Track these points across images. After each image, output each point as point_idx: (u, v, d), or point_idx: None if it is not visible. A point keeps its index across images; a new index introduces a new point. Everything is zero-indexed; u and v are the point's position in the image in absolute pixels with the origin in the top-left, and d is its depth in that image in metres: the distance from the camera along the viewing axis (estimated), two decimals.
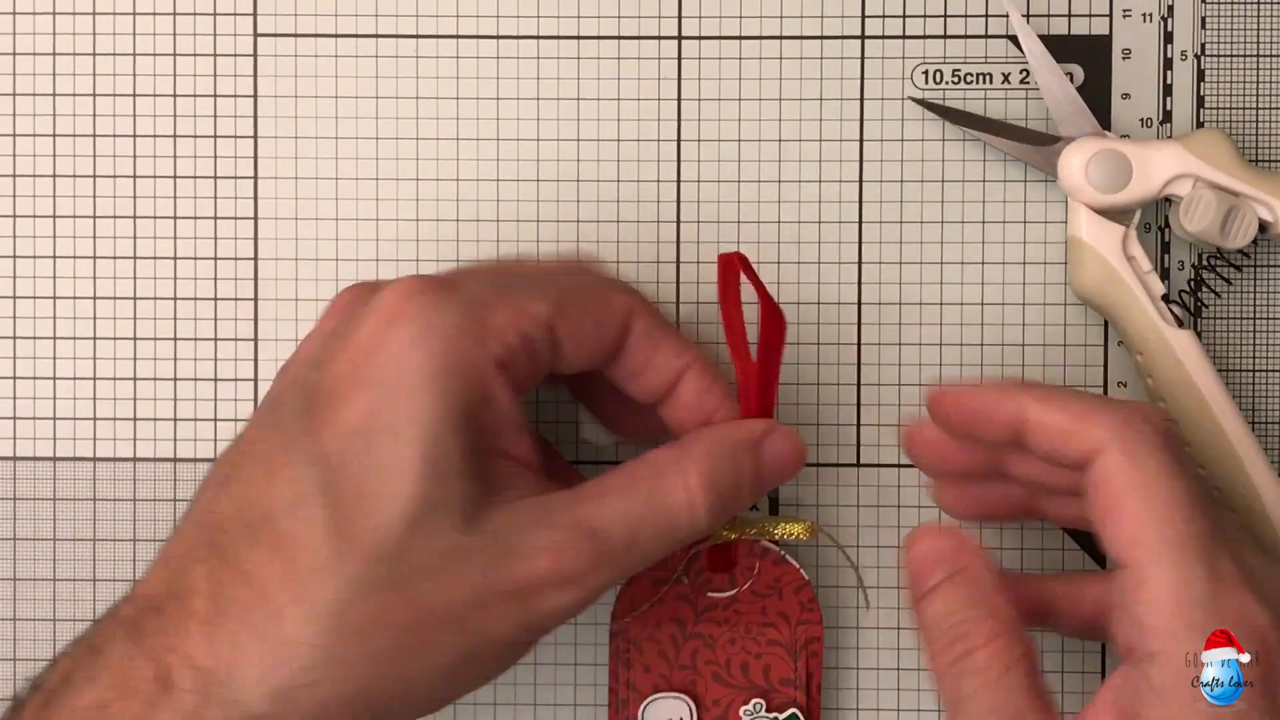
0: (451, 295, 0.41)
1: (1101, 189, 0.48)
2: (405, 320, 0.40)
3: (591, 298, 0.43)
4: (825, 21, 0.51)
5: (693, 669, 0.47)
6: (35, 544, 0.51)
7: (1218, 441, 0.48)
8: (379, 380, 0.40)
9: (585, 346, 0.43)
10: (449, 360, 0.40)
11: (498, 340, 0.41)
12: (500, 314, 0.41)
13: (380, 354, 0.40)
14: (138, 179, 0.51)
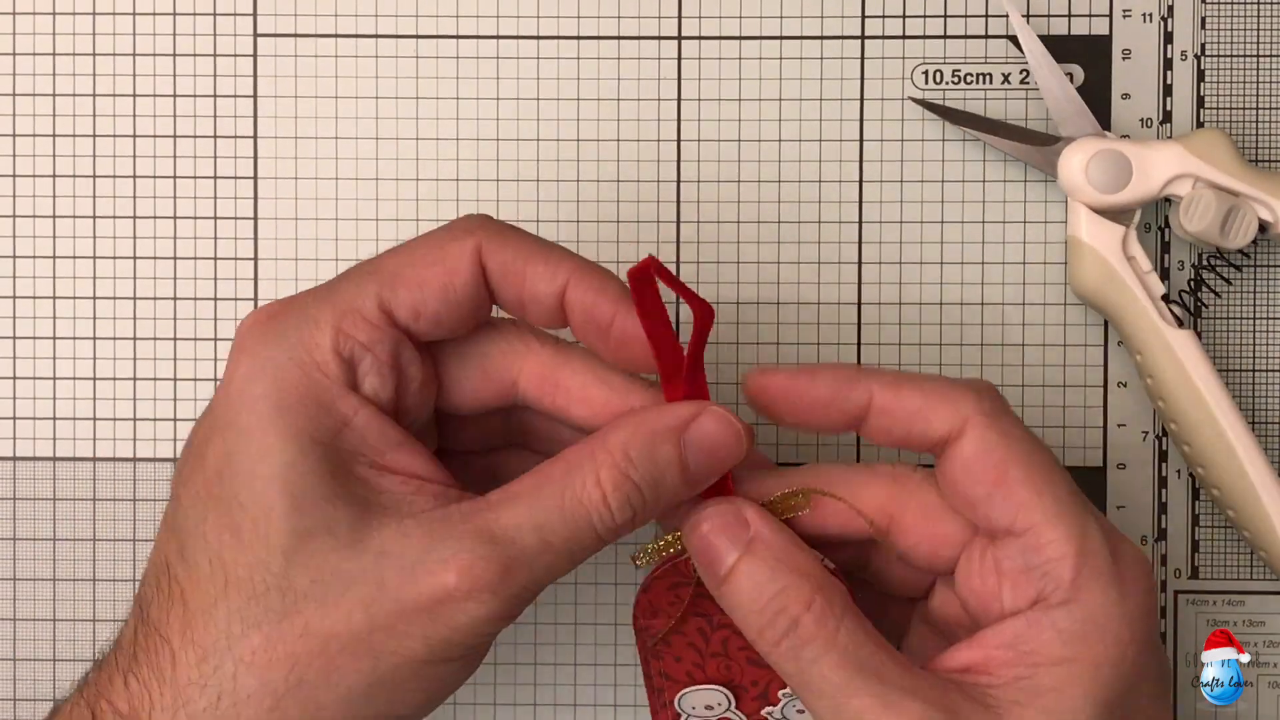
0: (281, 322, 0.41)
1: (1101, 189, 0.48)
2: (244, 357, 0.40)
3: (425, 263, 0.41)
4: (825, 21, 0.51)
5: (724, 655, 0.45)
6: (35, 544, 0.51)
7: (1218, 441, 0.48)
8: (230, 420, 0.40)
9: (440, 319, 0.41)
10: (282, 393, 0.40)
11: (329, 358, 0.40)
12: (324, 330, 0.40)
13: (229, 394, 0.40)
14: (138, 179, 0.51)
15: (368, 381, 0.41)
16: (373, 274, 0.41)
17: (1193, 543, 0.51)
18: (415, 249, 0.42)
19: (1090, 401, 0.50)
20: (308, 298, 0.41)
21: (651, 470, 0.40)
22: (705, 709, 0.46)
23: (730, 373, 0.50)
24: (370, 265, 0.42)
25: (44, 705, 0.51)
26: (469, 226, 0.42)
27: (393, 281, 0.41)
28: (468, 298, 0.41)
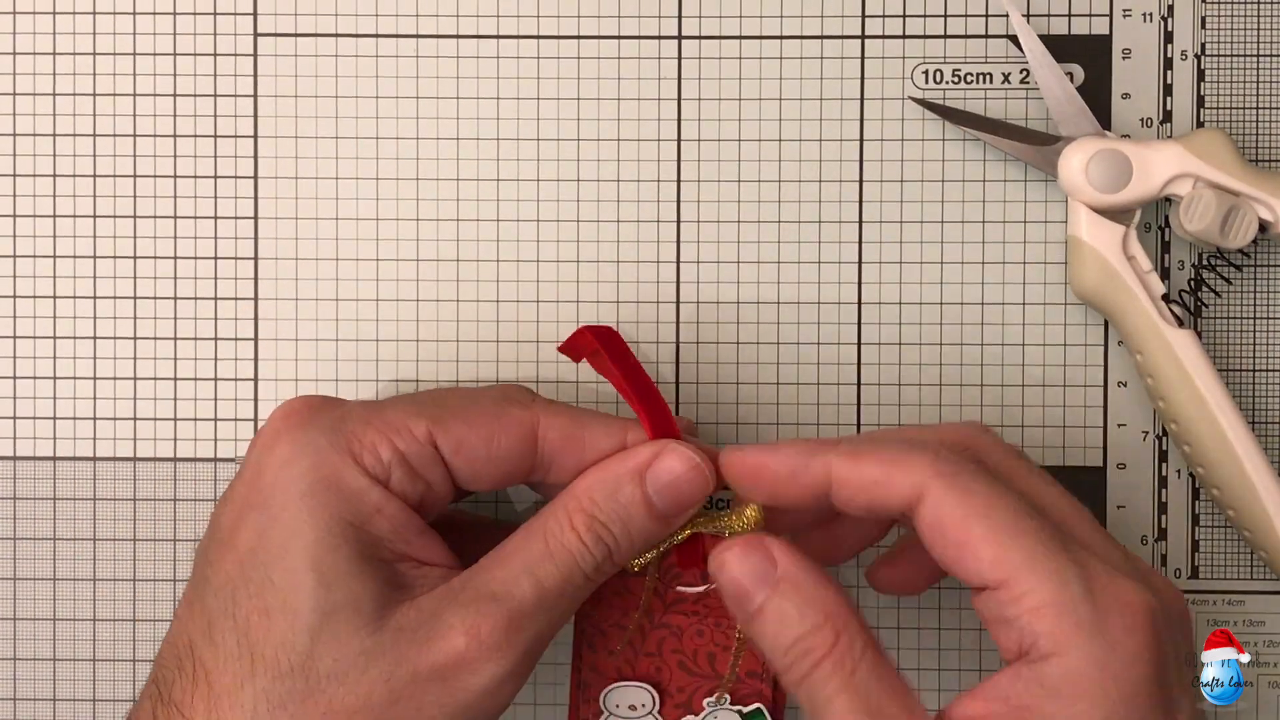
0: (324, 414, 0.43)
1: (1101, 189, 0.48)
2: (281, 442, 0.43)
3: (480, 413, 0.44)
4: (825, 21, 0.51)
5: (658, 656, 0.46)
6: (35, 544, 0.51)
7: (1218, 441, 0.48)
8: (263, 502, 0.42)
9: (479, 459, 0.43)
10: (321, 476, 0.42)
11: (370, 454, 0.42)
12: (371, 431, 0.43)
13: (263, 477, 0.42)
14: (138, 179, 0.51)
15: (397, 482, 0.43)
16: (430, 404, 0.44)
17: (1193, 543, 0.51)
18: (478, 398, 0.44)
19: (1090, 401, 0.50)
20: (357, 403, 0.44)
21: (617, 510, 0.43)
22: (629, 708, 0.46)
23: (730, 373, 0.50)
24: (425, 397, 0.45)
25: (44, 705, 0.51)
26: (524, 399, 0.45)
27: (447, 415, 0.43)
28: (510, 456, 0.44)
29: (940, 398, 0.50)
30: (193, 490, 0.51)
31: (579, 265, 0.51)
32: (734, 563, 0.42)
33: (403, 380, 0.51)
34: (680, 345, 0.51)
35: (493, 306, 0.51)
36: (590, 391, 0.51)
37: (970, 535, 0.40)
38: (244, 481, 0.43)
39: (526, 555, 0.43)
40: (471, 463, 0.44)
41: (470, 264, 0.51)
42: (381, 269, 0.51)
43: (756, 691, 0.46)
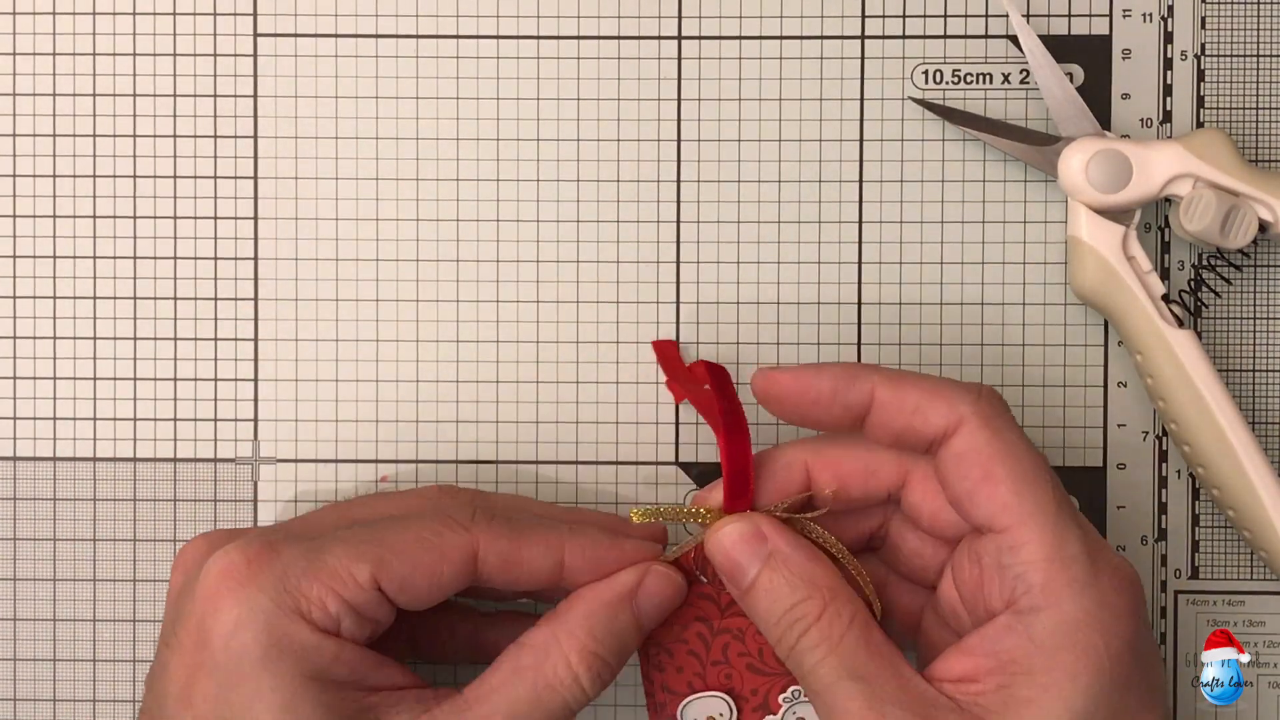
0: (264, 569, 0.42)
1: (1101, 189, 0.48)
2: (224, 603, 0.42)
3: (419, 547, 0.43)
4: (825, 21, 0.51)
5: (725, 663, 0.46)
6: (35, 544, 0.51)
7: (1218, 441, 0.48)
8: (217, 665, 0.42)
9: (422, 596, 0.43)
10: (273, 639, 0.41)
11: (318, 609, 0.42)
12: (315, 586, 0.42)
13: (212, 640, 0.42)
14: (138, 179, 0.51)
15: (347, 629, 0.43)
16: (367, 544, 0.43)
17: (1193, 543, 0.51)
18: (411, 529, 0.44)
19: (1090, 401, 0.50)
20: (293, 551, 0.43)
21: (615, 640, 0.44)
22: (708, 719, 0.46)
23: (730, 373, 0.50)
24: (364, 535, 0.44)
25: (44, 705, 0.51)
26: (463, 518, 0.44)
27: (388, 556, 0.43)
28: (454, 584, 0.44)
29: None
30: (193, 490, 0.51)
31: (579, 265, 0.51)
32: (727, 540, 0.44)
33: (402, 381, 0.51)
34: (680, 345, 0.51)
35: (493, 306, 0.51)
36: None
37: (993, 473, 0.41)
38: (189, 635, 0.42)
39: (512, 694, 0.43)
40: (415, 596, 0.44)
41: (470, 264, 0.51)
42: (381, 269, 0.51)
43: None
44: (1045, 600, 0.40)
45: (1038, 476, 0.42)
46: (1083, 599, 0.40)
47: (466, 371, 0.51)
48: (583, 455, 0.51)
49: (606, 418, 0.51)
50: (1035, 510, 0.41)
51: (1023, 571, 0.41)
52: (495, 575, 0.44)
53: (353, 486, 0.51)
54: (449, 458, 0.51)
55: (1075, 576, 0.40)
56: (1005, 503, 0.41)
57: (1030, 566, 0.41)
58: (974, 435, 0.42)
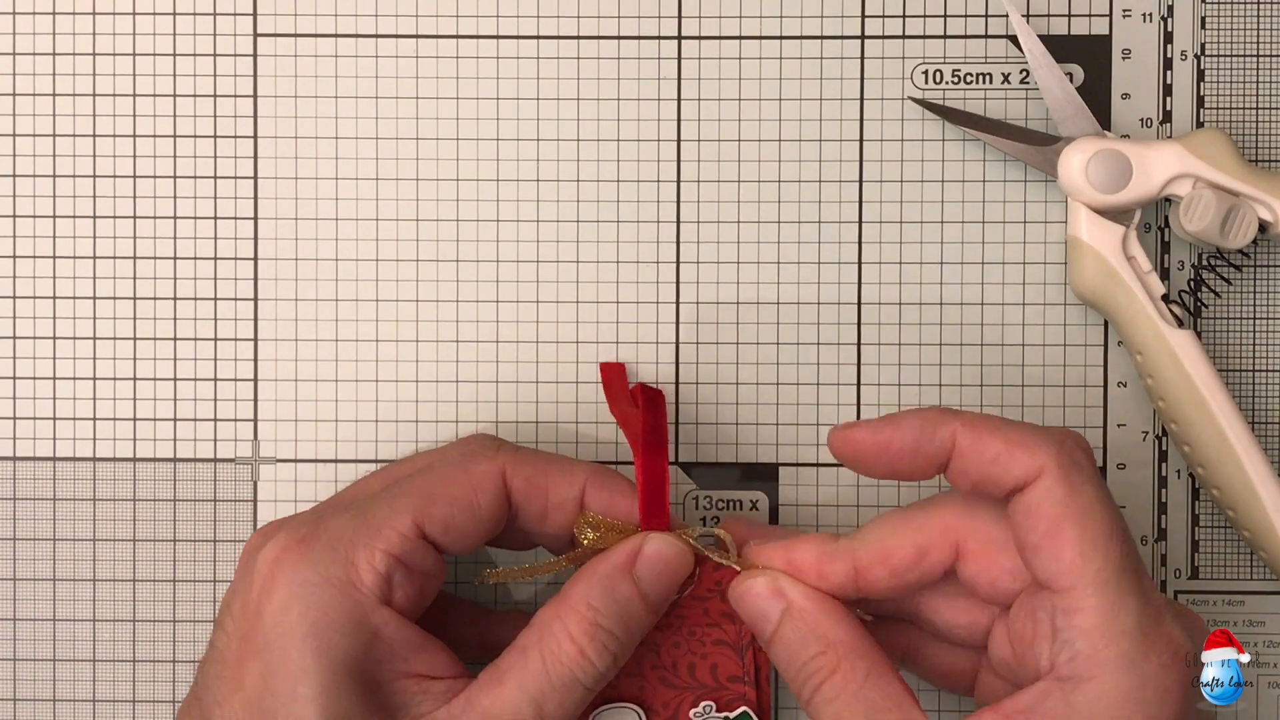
0: (314, 547, 0.43)
1: (1101, 189, 0.48)
2: (278, 585, 0.43)
3: (454, 483, 0.44)
4: (825, 21, 0.51)
5: (639, 675, 0.46)
6: (35, 544, 0.51)
7: (1218, 441, 0.48)
8: (265, 646, 0.42)
9: (466, 532, 0.44)
10: (324, 615, 0.42)
11: (368, 572, 0.43)
12: (361, 548, 0.43)
13: (262, 621, 0.42)
14: (138, 179, 0.51)
15: (400, 592, 0.43)
16: (407, 495, 0.44)
17: (1193, 543, 0.51)
18: (444, 470, 0.45)
19: (1090, 401, 0.50)
20: (340, 520, 0.44)
21: (616, 609, 0.44)
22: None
23: (730, 373, 0.50)
24: (402, 488, 0.45)
25: (44, 705, 0.51)
26: (489, 450, 0.45)
27: (426, 502, 0.44)
28: (491, 514, 0.45)
29: (940, 398, 0.50)
30: (193, 490, 0.51)
31: (579, 265, 0.51)
32: (750, 595, 0.44)
33: (402, 381, 0.51)
34: (680, 345, 0.51)
35: (492, 307, 0.51)
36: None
37: (1061, 531, 0.41)
38: (245, 617, 0.43)
39: (524, 676, 0.43)
40: (460, 534, 0.44)
41: (470, 264, 0.51)
42: (381, 269, 0.51)
43: (740, 695, 0.46)
44: (1089, 671, 0.40)
45: (1107, 539, 0.41)
46: (1128, 675, 0.40)
47: (466, 371, 0.51)
48: (583, 454, 0.51)
49: (606, 417, 0.51)
50: (1096, 577, 0.40)
51: (1072, 637, 0.40)
52: (524, 502, 0.45)
53: None
54: None
55: (1124, 651, 0.40)
56: (1069, 563, 0.40)
57: (1080, 634, 0.40)
58: (1050, 490, 0.41)
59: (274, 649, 0.42)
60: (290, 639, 0.42)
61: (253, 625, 0.43)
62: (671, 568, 0.45)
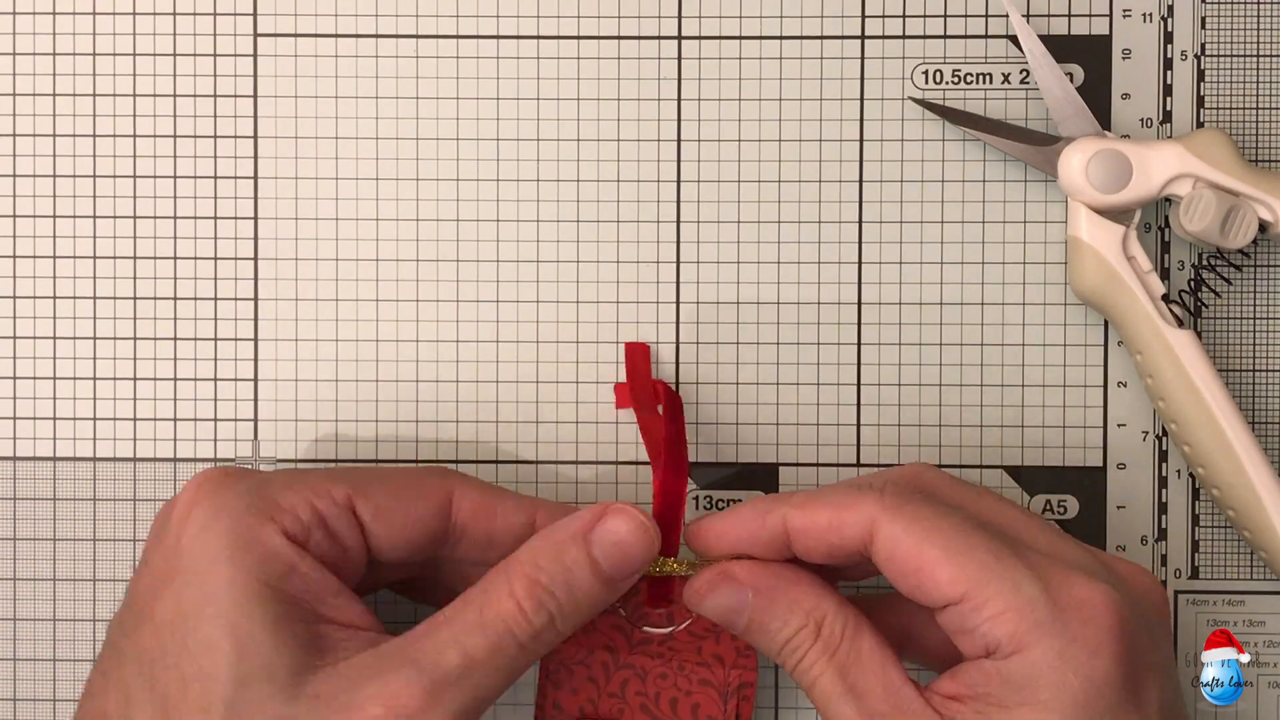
0: (240, 481, 0.43)
1: (1101, 189, 0.48)
2: (196, 508, 0.42)
3: (398, 477, 0.45)
4: (825, 21, 0.51)
5: (621, 698, 0.46)
6: (35, 544, 0.51)
7: (1218, 441, 0.48)
8: (181, 569, 0.42)
9: (396, 523, 0.44)
10: (237, 537, 0.42)
11: (288, 515, 0.43)
12: (289, 494, 0.43)
13: (179, 545, 0.42)
14: (138, 179, 0.51)
15: (315, 544, 0.43)
16: (347, 472, 0.45)
17: (1193, 543, 0.51)
18: (394, 470, 0.45)
19: (1090, 401, 0.50)
20: (270, 472, 0.45)
21: (561, 573, 0.43)
22: None
23: (730, 373, 0.50)
24: (347, 469, 0.45)
25: (44, 705, 0.51)
26: (443, 471, 0.46)
27: (366, 482, 0.44)
28: (426, 522, 0.44)
29: (940, 398, 0.50)
30: None
31: (579, 265, 0.51)
32: (705, 597, 0.44)
33: (403, 381, 0.51)
34: (680, 345, 0.51)
35: (492, 306, 0.51)
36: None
37: (924, 558, 0.42)
38: (159, 552, 0.43)
39: (457, 624, 0.42)
40: (389, 527, 0.44)
41: (470, 264, 0.51)
42: (381, 269, 0.51)
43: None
44: (1013, 646, 0.41)
45: (968, 539, 0.42)
46: (1051, 638, 0.41)
47: (466, 371, 0.51)
48: (583, 455, 0.51)
49: (606, 417, 0.51)
50: (979, 571, 0.41)
51: (988, 629, 0.41)
52: (469, 523, 0.45)
53: None
54: (449, 457, 0.51)
55: (1039, 619, 0.41)
56: (948, 576, 0.41)
57: (992, 621, 0.41)
58: (889, 534, 0.42)
59: (188, 571, 0.41)
60: (204, 559, 0.41)
61: (170, 551, 0.42)
62: (629, 544, 0.43)
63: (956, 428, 0.50)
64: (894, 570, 0.42)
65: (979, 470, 0.50)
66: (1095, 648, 0.41)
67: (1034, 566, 0.42)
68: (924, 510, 0.42)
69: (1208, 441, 0.48)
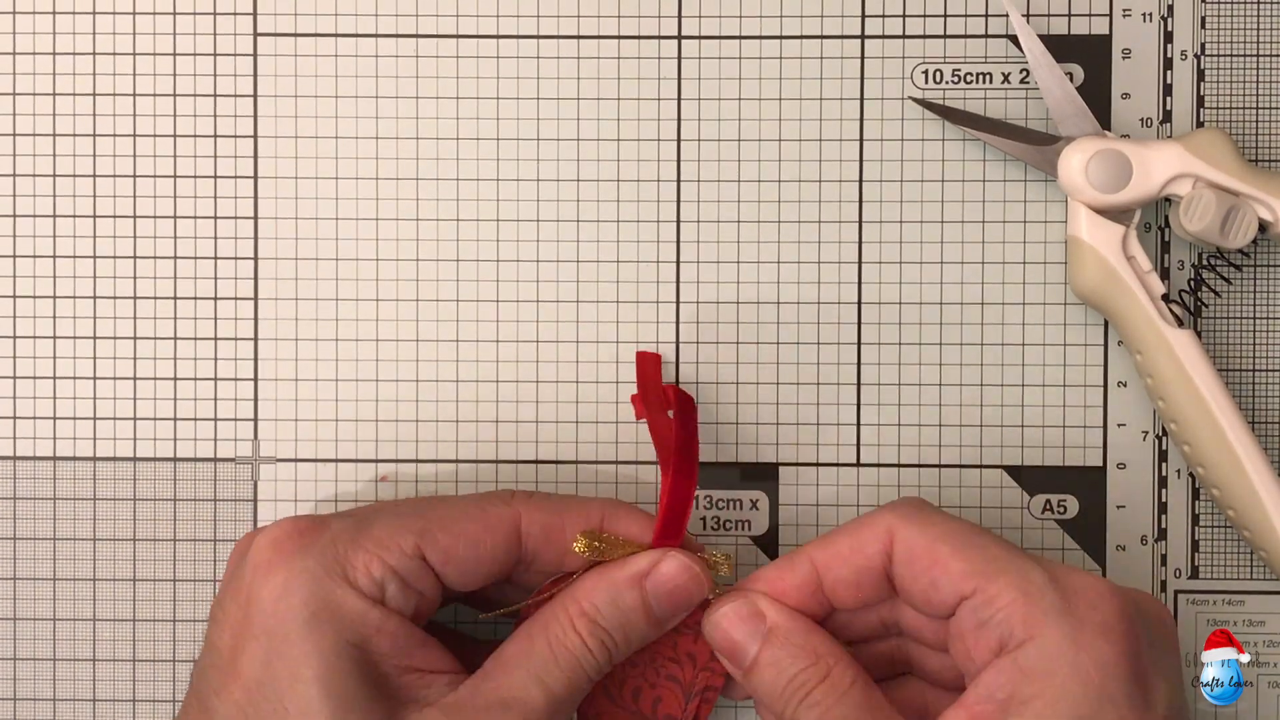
0: (315, 539, 0.44)
1: (1101, 189, 0.48)
2: (275, 569, 0.43)
3: (464, 517, 0.45)
4: (825, 21, 0.51)
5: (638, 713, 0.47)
6: (35, 544, 0.51)
7: (1218, 441, 0.48)
8: (265, 629, 0.42)
9: (468, 564, 0.45)
10: (320, 603, 0.43)
11: (364, 576, 0.43)
12: (361, 553, 0.44)
13: (259, 604, 0.43)
14: (138, 179, 0.51)
15: (392, 597, 0.44)
16: (414, 515, 0.45)
17: (1193, 543, 0.51)
18: (459, 504, 0.46)
19: (1090, 401, 0.50)
20: (342, 522, 0.45)
21: (617, 617, 0.45)
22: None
23: (730, 373, 0.50)
24: (412, 507, 0.45)
25: (44, 705, 0.51)
26: (504, 496, 0.46)
27: (432, 526, 0.45)
28: (497, 556, 0.45)
29: (940, 398, 0.50)
30: (193, 490, 0.51)
31: (579, 265, 0.51)
32: (725, 621, 0.45)
33: (402, 381, 0.51)
34: (680, 345, 0.51)
35: (492, 306, 0.51)
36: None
37: (938, 555, 0.43)
38: (238, 607, 0.43)
39: (532, 661, 0.44)
40: (461, 568, 0.45)
41: (470, 264, 0.51)
42: (381, 269, 0.51)
43: None
44: (1027, 632, 0.42)
45: (978, 539, 0.43)
46: (1064, 621, 0.42)
47: (466, 371, 0.51)
48: (583, 455, 0.51)
49: (607, 417, 0.51)
50: (991, 565, 0.43)
51: (1002, 617, 0.42)
52: (540, 548, 0.45)
53: (353, 486, 0.51)
54: (449, 457, 0.51)
55: (1051, 604, 0.42)
56: (962, 571, 0.43)
57: (1005, 610, 0.42)
58: (905, 538, 0.44)
59: (273, 633, 0.42)
60: (290, 623, 0.42)
61: (247, 612, 0.43)
62: (683, 590, 0.46)
63: (956, 428, 0.50)
64: (910, 571, 0.44)
65: (979, 470, 0.50)
66: (1105, 631, 0.41)
67: (1040, 561, 0.43)
68: (935, 516, 0.44)
69: (1208, 441, 0.48)
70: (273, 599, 0.43)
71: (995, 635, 0.42)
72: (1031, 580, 0.42)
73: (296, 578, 0.43)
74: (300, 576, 0.43)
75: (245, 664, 0.42)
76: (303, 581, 0.43)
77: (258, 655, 0.42)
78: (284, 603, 0.42)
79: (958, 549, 0.43)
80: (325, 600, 0.43)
